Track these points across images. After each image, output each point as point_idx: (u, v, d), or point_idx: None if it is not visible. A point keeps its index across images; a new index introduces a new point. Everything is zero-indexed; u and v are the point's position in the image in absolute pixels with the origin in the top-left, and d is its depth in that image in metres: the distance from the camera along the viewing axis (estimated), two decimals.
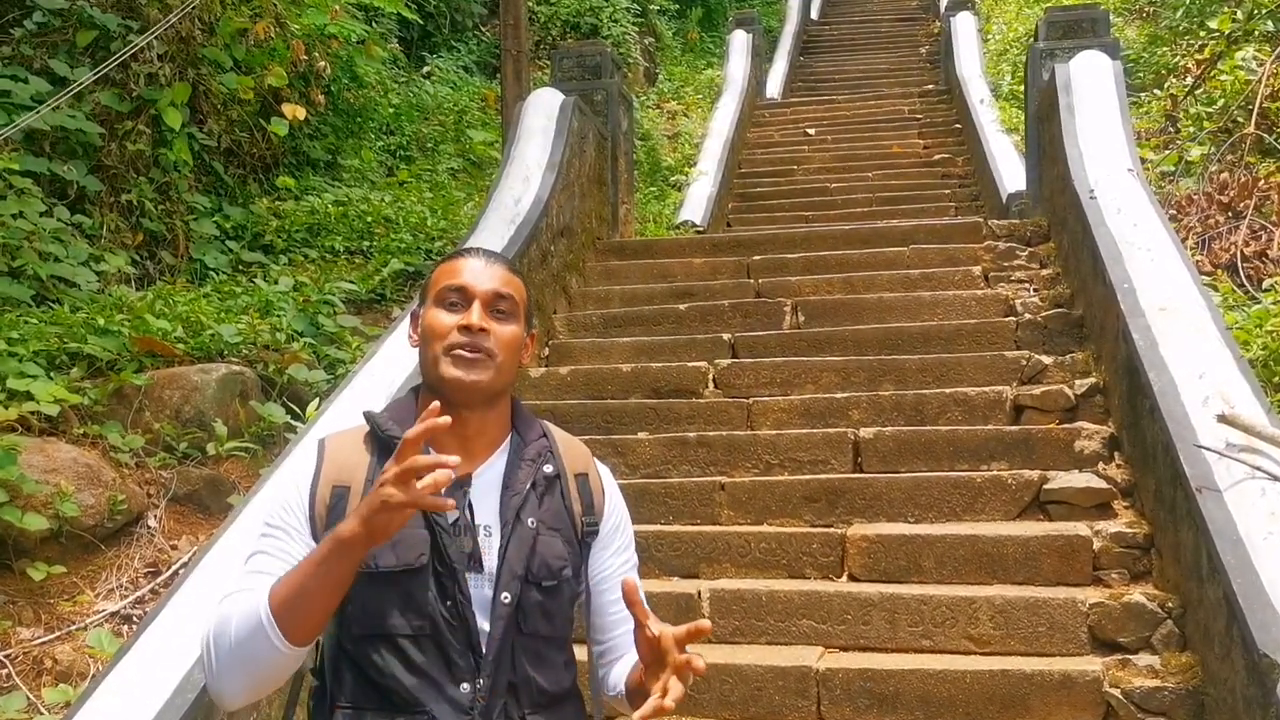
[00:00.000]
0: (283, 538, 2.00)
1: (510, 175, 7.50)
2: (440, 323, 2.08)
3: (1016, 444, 5.42)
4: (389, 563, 1.97)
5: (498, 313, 2.10)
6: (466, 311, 2.08)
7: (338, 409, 5.05)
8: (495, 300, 2.10)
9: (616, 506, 2.31)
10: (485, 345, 2.06)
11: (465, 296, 2.09)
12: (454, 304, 2.10)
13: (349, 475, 2.04)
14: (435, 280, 2.15)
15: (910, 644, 4.50)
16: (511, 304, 2.12)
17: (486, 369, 2.06)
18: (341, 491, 2.02)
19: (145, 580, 4.73)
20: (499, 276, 2.13)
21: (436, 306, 2.11)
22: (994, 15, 17.23)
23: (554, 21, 15.17)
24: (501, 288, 2.11)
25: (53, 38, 7.64)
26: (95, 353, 5.57)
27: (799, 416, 6.01)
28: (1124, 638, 4.26)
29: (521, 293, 2.16)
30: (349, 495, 2.01)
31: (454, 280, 2.11)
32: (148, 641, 3.73)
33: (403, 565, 1.98)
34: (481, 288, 2.10)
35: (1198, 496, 3.94)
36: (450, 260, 2.18)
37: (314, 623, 1.89)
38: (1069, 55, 7.77)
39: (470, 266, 2.13)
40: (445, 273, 2.14)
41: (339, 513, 1.98)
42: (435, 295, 2.12)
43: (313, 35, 9.15)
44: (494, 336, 2.07)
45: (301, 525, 2.01)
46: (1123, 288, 5.32)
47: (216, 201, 8.28)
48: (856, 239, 8.16)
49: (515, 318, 2.13)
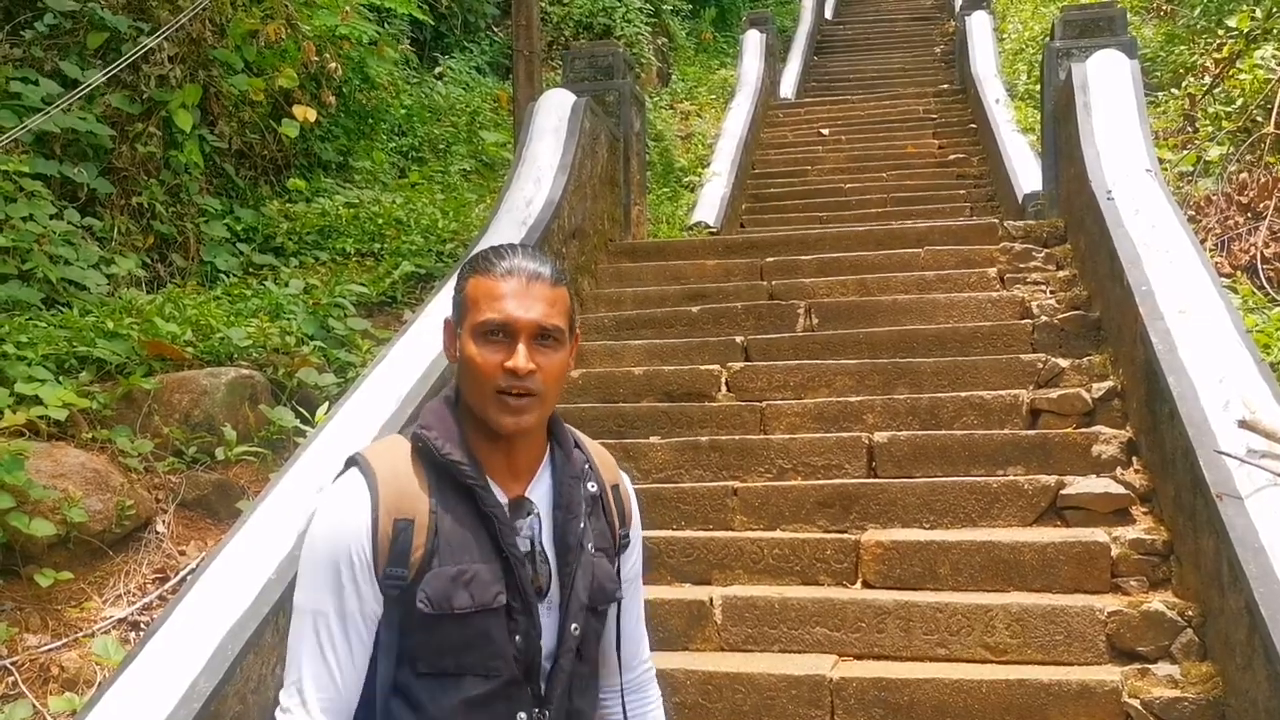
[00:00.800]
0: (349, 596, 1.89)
1: (521, 176, 7.45)
2: (485, 361, 1.93)
3: (1033, 448, 5.35)
4: (464, 604, 1.89)
5: (543, 341, 1.95)
6: (511, 350, 1.92)
7: (346, 414, 5.02)
8: (541, 330, 1.95)
9: (636, 512, 2.23)
10: (533, 387, 1.93)
11: (509, 331, 1.93)
12: (496, 335, 1.94)
13: (411, 507, 1.91)
14: (473, 300, 1.97)
15: (925, 652, 4.43)
16: (559, 330, 1.97)
17: (533, 411, 1.94)
18: (404, 525, 1.90)
19: (153, 586, 4.71)
20: (544, 298, 1.95)
21: (477, 339, 1.95)
22: (1009, 14, 17.14)
23: (567, 22, 15.15)
24: (547, 317, 1.95)
25: (64, 40, 7.62)
26: (104, 356, 5.55)
27: (813, 420, 5.95)
28: (1143, 647, 4.19)
29: (567, 307, 2.00)
30: (413, 529, 1.90)
31: (495, 314, 1.93)
32: (153, 649, 3.70)
33: (479, 606, 1.90)
34: (527, 319, 1.93)
35: (1218, 503, 3.88)
36: (487, 277, 1.97)
37: None
38: (1086, 54, 7.69)
39: (511, 292, 1.94)
40: (485, 296, 1.95)
41: (403, 546, 1.89)
42: (476, 326, 1.95)
43: (324, 37, 9.12)
44: (541, 372, 1.94)
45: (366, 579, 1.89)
46: (1141, 290, 5.25)
47: (227, 204, 8.27)
48: (871, 240, 8.10)
49: (562, 342, 1.99)
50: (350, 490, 1.93)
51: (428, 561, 1.89)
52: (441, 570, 1.89)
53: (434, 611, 1.87)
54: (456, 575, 1.90)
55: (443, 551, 1.90)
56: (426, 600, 1.88)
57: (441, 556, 1.90)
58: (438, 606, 1.87)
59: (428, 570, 1.89)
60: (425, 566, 1.89)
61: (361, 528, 1.89)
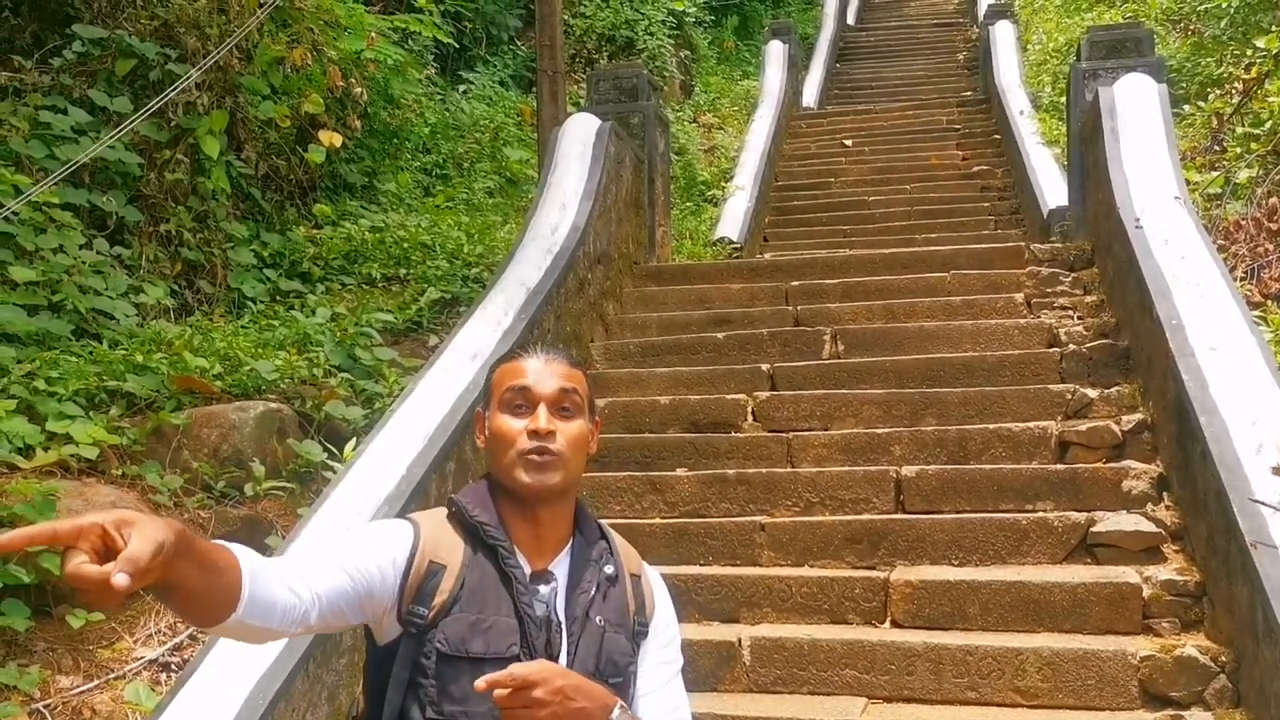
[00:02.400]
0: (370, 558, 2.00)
1: (547, 202, 7.46)
2: (509, 429, 2.12)
3: (1063, 483, 5.31)
4: (479, 649, 2.00)
5: (563, 410, 2.15)
6: (533, 414, 2.12)
7: (373, 452, 5.03)
8: (560, 398, 2.15)
9: (666, 606, 2.31)
10: (554, 449, 2.10)
11: (530, 398, 2.13)
12: (519, 407, 2.14)
13: (446, 555, 2.07)
14: (498, 383, 2.19)
15: (955, 696, 4.41)
16: (575, 399, 2.17)
17: (556, 471, 2.11)
18: (437, 569, 2.05)
19: (184, 626, 4.72)
20: (561, 373, 2.17)
21: (502, 411, 2.15)
22: (1033, 24, 17.05)
23: (589, 35, 15.14)
24: (565, 384, 2.16)
25: (92, 66, 7.67)
26: (134, 390, 5.58)
27: (840, 452, 5.94)
28: (1175, 692, 4.17)
29: (583, 385, 2.21)
30: (443, 575, 2.04)
31: (517, 382, 2.15)
32: (183, 701, 3.71)
33: (494, 653, 2.00)
34: (545, 389, 2.14)
35: (1252, 552, 3.85)
36: (510, 362, 2.21)
37: None
38: (1113, 76, 7.65)
39: (531, 368, 2.16)
40: (507, 374, 2.18)
41: (430, 588, 2.03)
42: (500, 399, 2.16)
43: (349, 61, 9.15)
44: (561, 437, 2.12)
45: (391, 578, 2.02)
46: (1171, 324, 5.22)
47: (254, 229, 8.30)
48: (896, 264, 8.06)
49: (580, 412, 2.18)
50: (396, 526, 2.12)
51: (449, 607, 2.03)
52: (461, 615, 2.02)
53: (450, 652, 1.99)
54: (475, 622, 2.02)
55: (465, 600, 2.03)
56: (445, 640, 2.00)
57: (463, 605, 2.03)
58: (454, 648, 1.99)
59: (446, 615, 2.02)
60: (446, 611, 2.02)
61: (401, 551, 2.05)
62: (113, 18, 7.72)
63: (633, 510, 5.81)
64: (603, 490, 5.86)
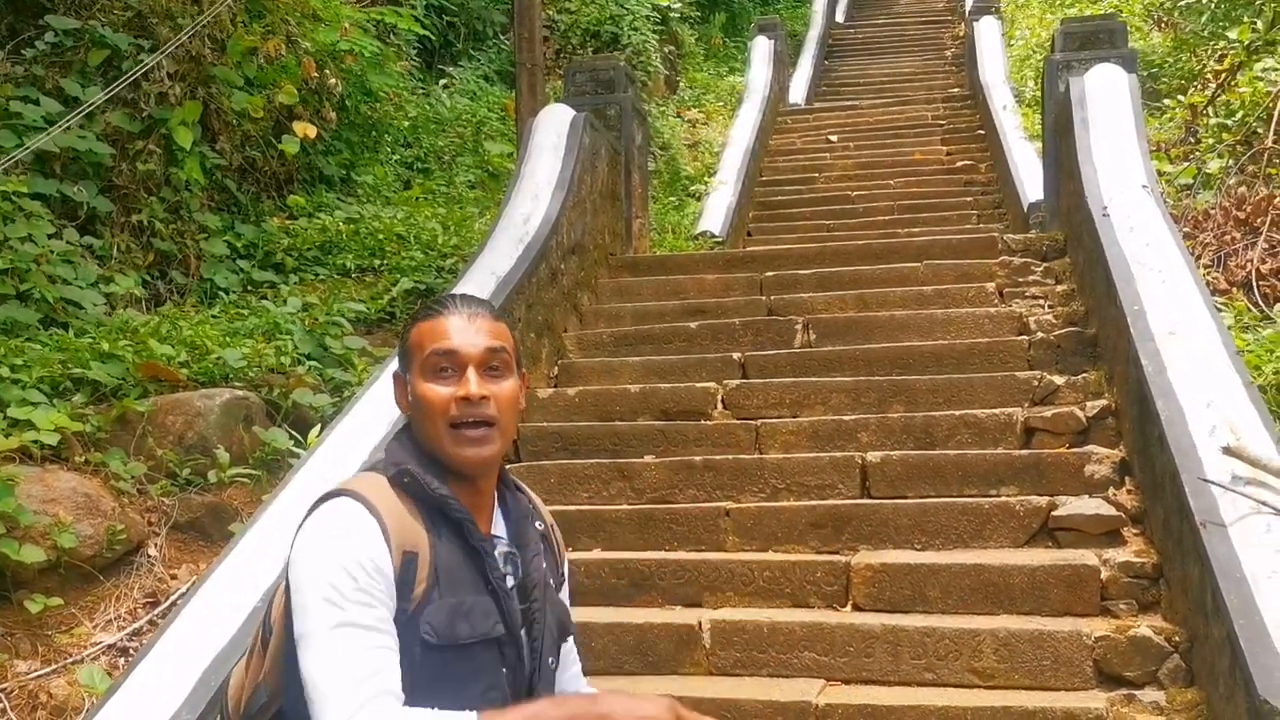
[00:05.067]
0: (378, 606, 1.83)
1: (520, 193, 7.46)
2: (436, 395, 1.97)
3: (1026, 468, 5.32)
4: (465, 634, 1.90)
5: (491, 370, 2.01)
6: (461, 379, 1.97)
7: (337, 437, 5.04)
8: (488, 358, 2.00)
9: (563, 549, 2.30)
10: (488, 413, 1.97)
11: (457, 361, 1.98)
12: (445, 370, 1.98)
13: (414, 541, 1.91)
14: (418, 343, 2.02)
15: (913, 677, 4.41)
16: (504, 356, 2.03)
17: (493, 440, 1.99)
18: (411, 558, 1.90)
19: (144, 611, 4.73)
20: (487, 330, 2.02)
21: (426, 376, 1.99)
22: (1018, 20, 17.08)
23: (574, 30, 15.12)
24: (492, 342, 2.01)
25: (65, 57, 7.66)
26: (99, 378, 5.57)
27: (807, 439, 5.94)
28: (1130, 672, 4.17)
29: (510, 339, 2.07)
30: (418, 563, 1.90)
31: (441, 344, 1.99)
32: (135, 681, 3.72)
33: (480, 636, 1.92)
34: (473, 349, 1.99)
35: (1202, 531, 3.86)
36: (431, 319, 2.03)
37: None
38: (1086, 67, 7.66)
39: (455, 326, 2.00)
40: (429, 335, 2.01)
41: (408, 579, 1.88)
42: (422, 362, 2.00)
43: (325, 52, 9.14)
44: (494, 400, 1.99)
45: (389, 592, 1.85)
46: (1133, 309, 5.23)
47: (229, 220, 8.29)
48: (870, 254, 8.07)
49: (509, 369, 2.04)
50: (359, 517, 1.89)
51: (429, 595, 1.91)
52: (442, 602, 1.91)
53: (439, 642, 1.88)
54: (456, 606, 1.92)
55: (442, 585, 1.92)
56: (431, 631, 1.88)
57: (441, 590, 1.92)
58: (442, 637, 1.88)
59: (428, 604, 1.90)
60: (426, 600, 1.90)
61: (380, 551, 1.86)
62: (86, 9, 7.71)
63: (600, 497, 5.81)
64: (570, 477, 5.87)
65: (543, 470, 5.89)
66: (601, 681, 3.90)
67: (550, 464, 5.98)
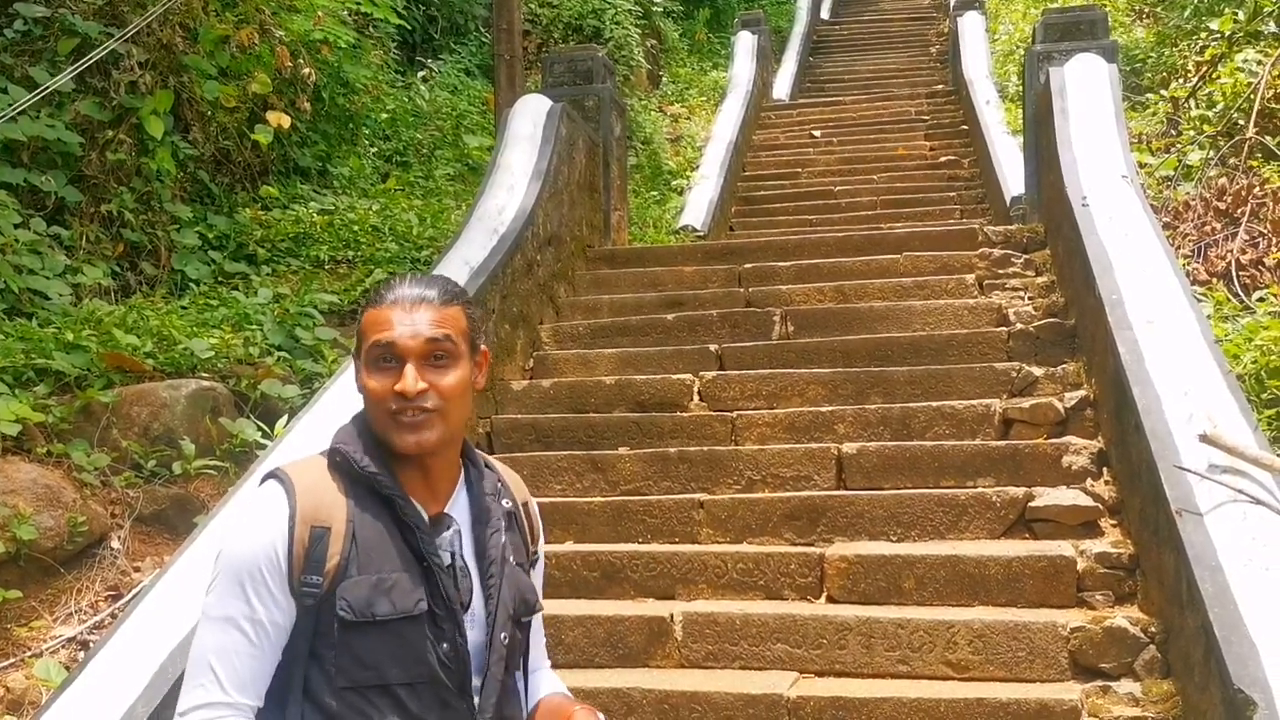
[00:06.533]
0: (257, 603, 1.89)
1: (495, 184, 7.38)
2: (376, 388, 1.97)
3: (1004, 459, 5.28)
4: (385, 611, 1.90)
5: (435, 361, 1.98)
6: (400, 373, 1.94)
7: (304, 427, 4.95)
8: (429, 350, 1.97)
9: (540, 528, 2.29)
10: (426, 406, 1.95)
11: (396, 354, 1.96)
12: (386, 361, 1.97)
13: (327, 515, 1.92)
14: (364, 331, 2.01)
15: (886, 669, 4.35)
16: (449, 345, 1.99)
17: (434, 427, 1.97)
18: (321, 532, 1.91)
19: (105, 604, 4.65)
20: (428, 320, 1.98)
21: (370, 367, 1.99)
22: (1001, 15, 17.05)
23: (556, 24, 15.04)
24: (433, 333, 1.97)
25: (35, 46, 7.55)
26: (63, 369, 5.48)
27: (783, 431, 5.88)
28: (1106, 663, 4.12)
29: (460, 324, 2.02)
30: (329, 537, 1.91)
31: (381, 336, 1.97)
32: (91, 674, 3.64)
33: (401, 613, 1.91)
34: (411, 343, 1.96)
35: (1177, 519, 3.80)
36: (375, 308, 2.01)
37: None
38: (1066, 58, 7.61)
39: (396, 318, 1.97)
40: (372, 325, 2.00)
41: (319, 554, 1.89)
42: (366, 352, 1.99)
43: (299, 42, 9.04)
44: (435, 391, 1.96)
45: (281, 585, 1.90)
46: (1111, 299, 5.18)
47: (201, 211, 8.19)
48: (850, 246, 8.01)
49: (454, 359, 2.00)
50: (267, 500, 1.95)
51: (344, 570, 1.91)
52: (361, 578, 1.91)
53: (355, 619, 1.88)
54: (377, 583, 1.91)
55: (361, 560, 1.91)
56: (348, 607, 1.89)
57: (360, 565, 1.91)
58: (359, 613, 1.89)
59: (345, 579, 1.91)
60: (342, 575, 1.91)
61: (278, 535, 1.90)
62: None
63: (573, 489, 5.75)
64: (544, 469, 5.80)
65: (516, 462, 5.80)
66: (572, 675, 3.84)
67: (524, 456, 5.90)
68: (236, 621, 1.89)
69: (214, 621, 1.90)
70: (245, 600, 1.89)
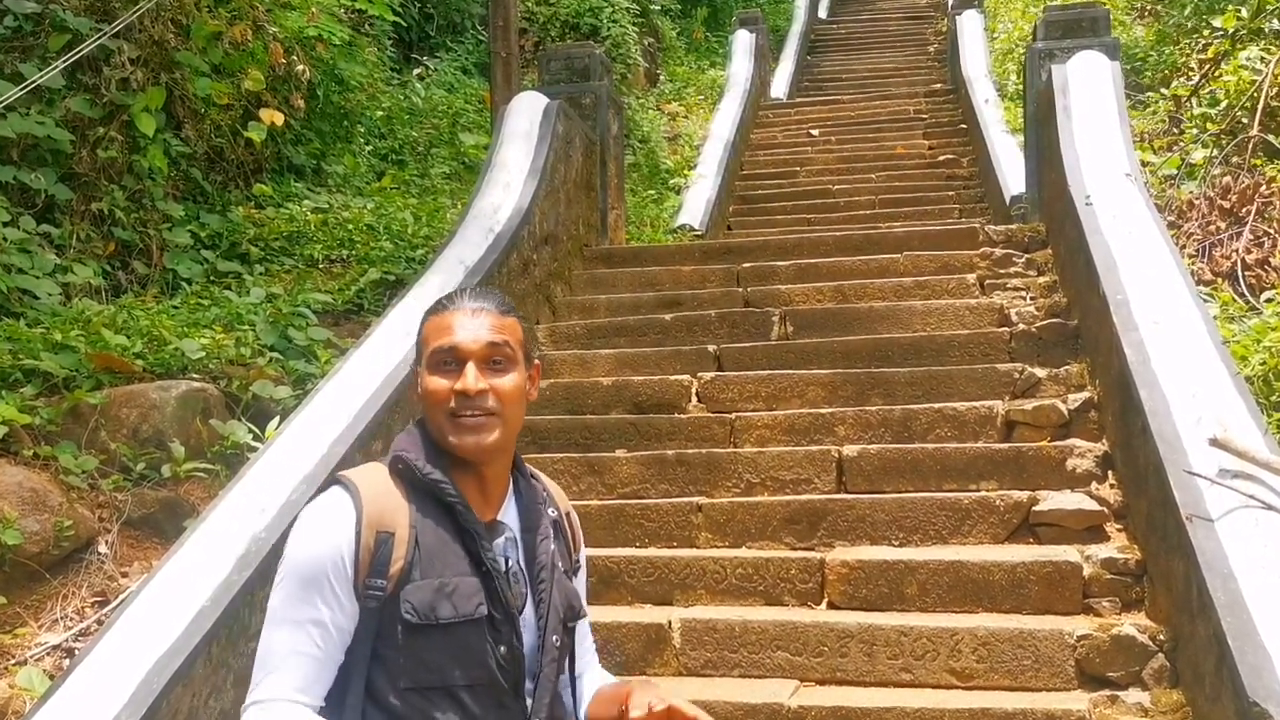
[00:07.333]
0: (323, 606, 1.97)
1: (491, 182, 7.30)
2: (438, 388, 2.07)
3: (1007, 462, 5.20)
4: (448, 614, 1.98)
5: (494, 365, 2.09)
6: (461, 374, 2.06)
7: (295, 430, 4.86)
8: (490, 353, 2.09)
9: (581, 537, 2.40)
10: (487, 406, 2.06)
11: (458, 357, 2.07)
12: (448, 364, 2.08)
13: (391, 520, 2.02)
14: (426, 339, 2.12)
15: (889, 678, 4.27)
16: (507, 351, 2.11)
17: (493, 429, 2.07)
18: (385, 537, 2.00)
19: (92, 610, 4.55)
20: (489, 326, 2.10)
21: (431, 370, 2.09)
22: (1000, 13, 16.98)
23: (553, 22, 14.94)
24: (493, 338, 2.09)
25: (25, 42, 7.45)
26: (51, 369, 5.38)
27: (783, 433, 5.80)
28: (1113, 672, 4.04)
29: (517, 334, 2.14)
30: (393, 542, 2.00)
31: (444, 341, 2.08)
32: (74, 684, 3.55)
33: (463, 616, 1.99)
34: (473, 345, 2.07)
35: (1187, 525, 3.72)
36: (437, 315, 2.14)
37: None
38: (1067, 56, 7.53)
39: (458, 323, 2.09)
40: (434, 331, 2.11)
41: (383, 558, 1.98)
42: (429, 357, 2.10)
43: (292, 38, 8.94)
44: (494, 393, 2.07)
45: (346, 590, 1.98)
46: (1116, 299, 5.10)
47: (194, 209, 8.09)
48: (850, 245, 7.94)
49: (512, 363, 2.12)
50: (333, 504, 2.04)
51: (407, 574, 1.99)
52: (424, 582, 1.99)
53: (419, 621, 1.96)
54: (439, 587, 1.99)
55: (423, 564, 2.00)
56: (412, 610, 1.97)
57: (423, 569, 2.00)
58: (423, 616, 1.96)
59: (408, 582, 1.99)
60: (405, 579, 1.99)
61: (344, 540, 1.98)
62: None
63: (570, 492, 5.58)
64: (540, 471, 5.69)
65: None
66: None
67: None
68: (302, 624, 1.96)
69: (280, 624, 1.98)
70: (312, 604, 1.97)
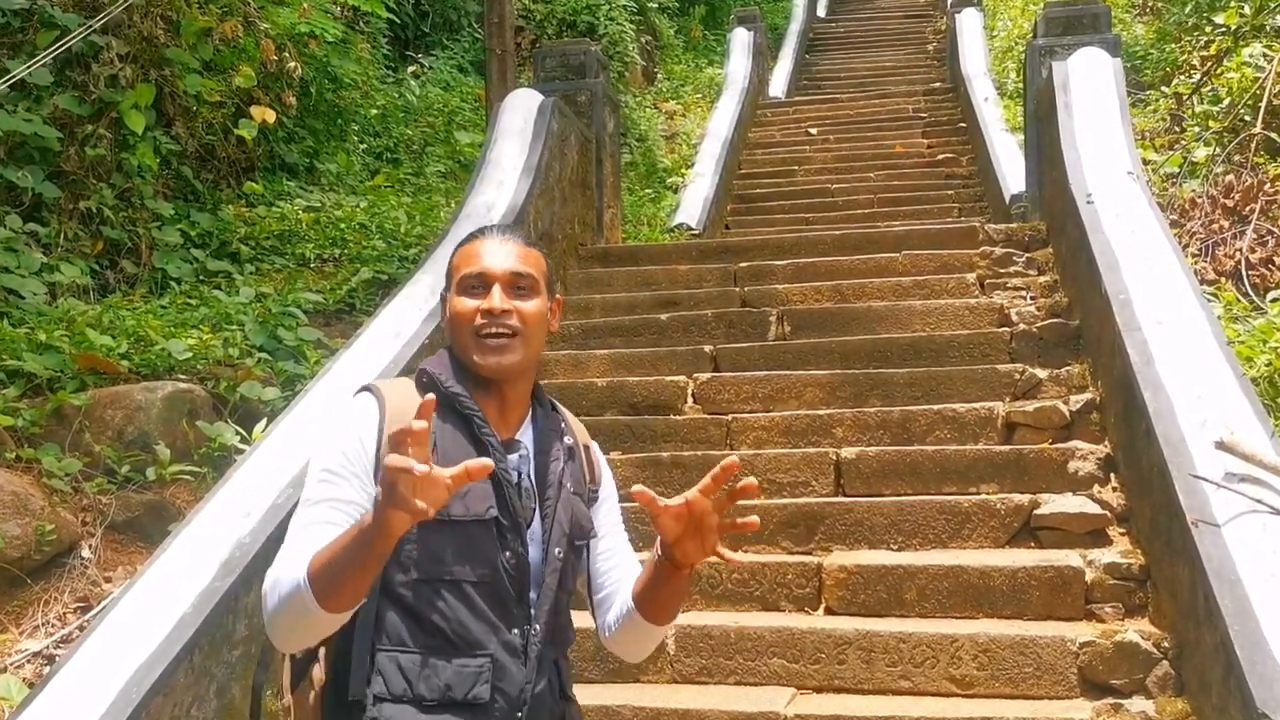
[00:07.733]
0: (344, 486, 2.07)
1: (484, 180, 7.21)
2: (465, 308, 2.19)
3: (1007, 465, 5.11)
4: (459, 513, 2.07)
5: (518, 290, 2.20)
6: (488, 295, 2.18)
7: (282, 432, 4.77)
8: (514, 279, 2.20)
9: (609, 475, 2.50)
10: (511, 324, 2.17)
11: (485, 281, 2.19)
12: (475, 288, 2.20)
13: None
14: (457, 266, 2.25)
15: (888, 685, 4.19)
16: (531, 280, 2.22)
17: (515, 350, 2.18)
18: None
19: (74, 616, 4.46)
20: (515, 254, 2.22)
21: (459, 293, 2.21)
22: (999, 11, 16.89)
23: (550, 20, 14.85)
24: (519, 266, 2.21)
25: (13, 39, 7.36)
26: (34, 370, 5.29)
27: (780, 435, 5.71)
28: (1116, 680, 3.96)
29: (540, 265, 2.26)
30: None
31: (473, 267, 2.21)
32: (51, 694, 3.46)
33: (473, 516, 2.10)
34: (499, 269, 2.20)
35: (1193, 530, 3.63)
36: (467, 244, 2.27)
37: (347, 595, 1.93)
38: (1068, 53, 7.44)
39: (487, 249, 2.22)
40: (464, 258, 2.24)
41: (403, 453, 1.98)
42: (458, 282, 2.22)
43: (286, 35, 8.84)
44: (517, 315, 2.18)
45: (366, 472, 2.09)
46: (1119, 299, 5.01)
47: (183, 208, 7.98)
48: (848, 244, 7.85)
49: (536, 291, 2.23)
50: (360, 403, 2.18)
51: None
52: None
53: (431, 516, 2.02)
54: None
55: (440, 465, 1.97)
56: None
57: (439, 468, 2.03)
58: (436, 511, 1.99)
59: None
60: None
61: (367, 432, 2.11)
62: None
63: None
64: None
65: None
66: None
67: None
68: (325, 501, 2.07)
69: (305, 505, 2.09)
70: (335, 485, 2.08)
